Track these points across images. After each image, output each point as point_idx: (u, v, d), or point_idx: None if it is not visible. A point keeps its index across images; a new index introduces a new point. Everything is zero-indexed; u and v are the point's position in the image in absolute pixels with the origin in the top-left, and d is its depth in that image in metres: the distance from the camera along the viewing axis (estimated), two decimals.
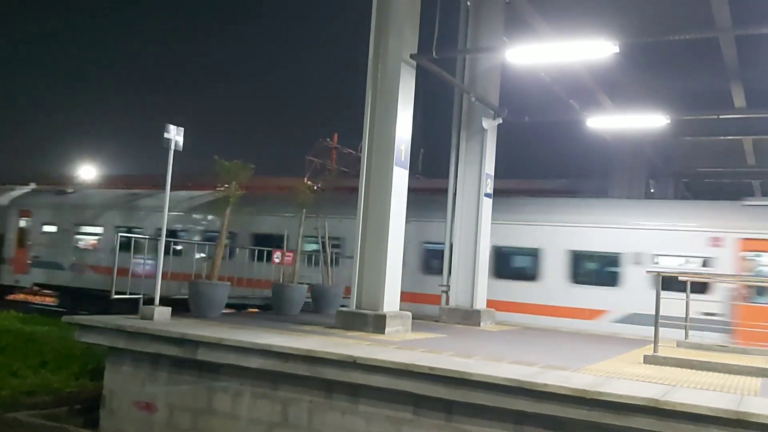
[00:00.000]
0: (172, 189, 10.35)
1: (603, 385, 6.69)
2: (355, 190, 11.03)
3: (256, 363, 8.23)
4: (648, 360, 8.70)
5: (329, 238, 13.63)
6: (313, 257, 14.36)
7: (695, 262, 14.31)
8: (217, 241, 11.58)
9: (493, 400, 6.88)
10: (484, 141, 13.69)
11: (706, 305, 13.06)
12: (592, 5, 13.94)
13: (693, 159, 25.62)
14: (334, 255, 14.03)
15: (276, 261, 13.16)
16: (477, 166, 13.65)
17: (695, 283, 11.08)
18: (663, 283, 8.65)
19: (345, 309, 10.68)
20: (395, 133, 10.56)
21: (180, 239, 16.98)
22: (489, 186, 13.81)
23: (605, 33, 9.81)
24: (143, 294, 10.34)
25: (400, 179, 10.69)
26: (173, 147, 10.29)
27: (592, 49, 10.26)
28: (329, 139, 37.13)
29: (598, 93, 18.03)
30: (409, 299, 12.31)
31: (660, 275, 8.78)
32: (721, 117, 17.16)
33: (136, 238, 11.47)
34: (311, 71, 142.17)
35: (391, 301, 10.57)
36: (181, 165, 11.22)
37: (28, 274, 23.30)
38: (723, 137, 21.04)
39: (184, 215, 20.16)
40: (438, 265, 14.52)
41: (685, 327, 10.61)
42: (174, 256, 12.59)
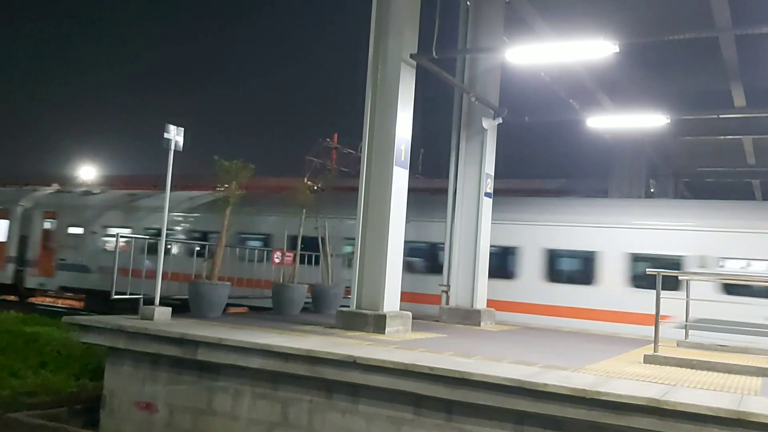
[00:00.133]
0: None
1: (603, 385, 6.69)
2: (354, 189, 11.03)
3: (256, 363, 8.23)
4: (648, 360, 8.70)
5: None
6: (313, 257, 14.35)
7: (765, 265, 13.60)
8: (217, 241, 11.59)
9: (493, 400, 6.88)
10: (484, 141, 13.68)
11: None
12: (592, 5, 13.95)
13: (693, 159, 25.64)
14: (333, 255, 14.02)
15: (276, 261, 13.17)
16: (477, 166, 13.64)
17: (763, 288, 10.56)
18: (732, 288, 8.20)
19: (345, 309, 10.68)
20: (395, 133, 10.55)
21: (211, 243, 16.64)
22: (489, 186, 13.81)
23: (605, 33, 9.79)
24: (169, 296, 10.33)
25: (400, 179, 10.68)
26: (173, 147, 10.29)
27: (591, 49, 10.24)
28: (329, 139, 37.15)
29: (598, 93, 18.03)
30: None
31: (660, 275, 8.78)
32: (721, 117, 17.16)
33: (136, 238, 11.47)
34: (311, 71, 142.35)
35: (391, 301, 10.57)
36: (183, 165, 11.23)
37: (53, 277, 22.66)
38: (723, 137, 21.06)
39: (214, 216, 19.25)
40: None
41: (685, 327, 10.61)
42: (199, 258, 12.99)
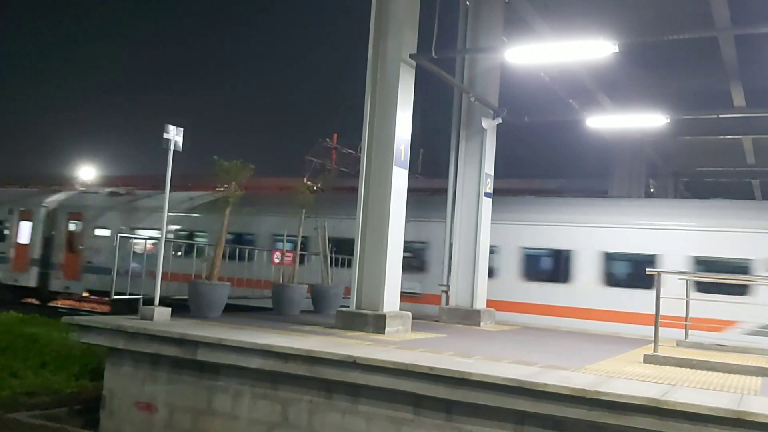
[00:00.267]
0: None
1: (603, 385, 6.68)
2: (354, 189, 11.03)
3: (256, 363, 8.23)
4: (648, 359, 8.70)
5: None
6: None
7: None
8: (217, 241, 11.58)
9: (493, 400, 6.88)
10: (483, 141, 13.69)
11: None
12: (591, 5, 13.96)
13: (693, 158, 25.66)
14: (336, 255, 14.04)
15: (276, 261, 13.16)
16: (476, 166, 13.65)
17: None
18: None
19: (345, 309, 10.68)
20: (395, 133, 10.55)
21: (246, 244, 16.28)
22: (489, 186, 13.81)
23: (605, 33, 9.79)
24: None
25: (399, 179, 10.68)
26: (173, 147, 10.29)
27: (591, 49, 10.24)
28: (329, 139, 37.17)
29: (597, 93, 18.04)
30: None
31: (660, 275, 8.78)
32: (721, 116, 17.19)
33: (136, 238, 11.46)
34: (311, 71, 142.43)
35: (391, 301, 10.57)
36: (184, 166, 11.23)
37: (79, 280, 22.01)
38: (723, 136, 21.09)
39: (252, 218, 18.25)
40: None
41: (685, 326, 10.60)
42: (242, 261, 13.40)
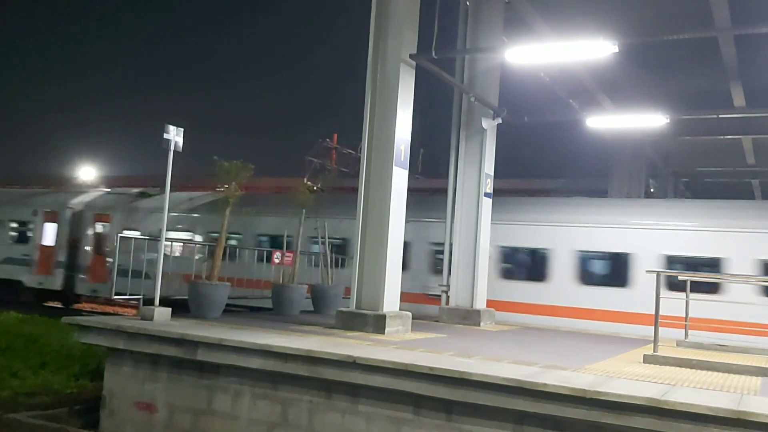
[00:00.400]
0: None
1: (603, 385, 6.69)
2: (354, 190, 11.03)
3: (256, 363, 8.23)
4: (648, 359, 8.70)
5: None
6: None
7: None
8: (217, 242, 11.58)
9: (493, 400, 6.88)
10: (483, 141, 13.69)
11: None
12: (591, 5, 13.96)
13: (693, 158, 25.64)
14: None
15: (276, 261, 13.15)
16: (476, 166, 13.65)
17: None
18: None
19: (345, 309, 10.67)
20: (395, 133, 10.56)
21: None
22: (489, 186, 13.81)
23: (605, 33, 9.80)
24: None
25: (399, 179, 10.68)
26: (173, 147, 10.29)
27: (591, 49, 10.24)
28: (329, 140, 37.18)
29: (597, 93, 18.04)
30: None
31: (659, 275, 8.78)
32: (721, 116, 17.17)
33: (136, 238, 11.45)
34: (311, 71, 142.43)
35: (391, 301, 10.57)
36: (183, 165, 11.22)
37: (108, 283, 20.91)
38: (723, 137, 21.07)
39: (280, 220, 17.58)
40: None
41: (685, 326, 10.59)
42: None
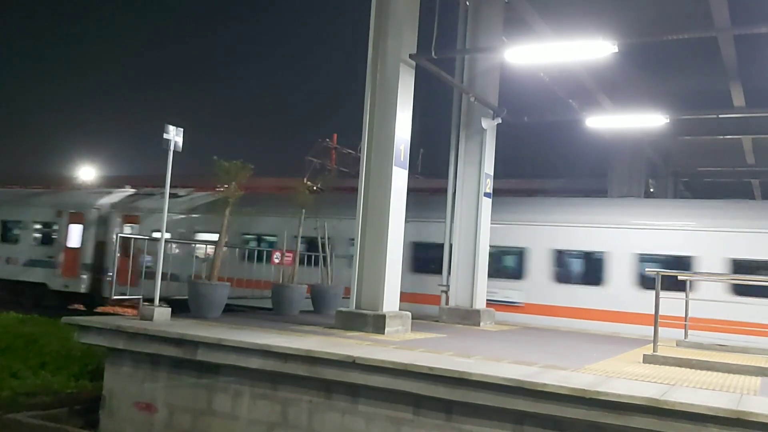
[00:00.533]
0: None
1: (602, 385, 6.69)
2: (353, 189, 11.03)
3: (255, 363, 8.24)
4: (647, 359, 8.70)
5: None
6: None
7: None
8: (217, 242, 11.59)
9: (493, 400, 6.88)
10: (483, 141, 13.69)
11: None
12: (591, 5, 13.95)
13: (693, 158, 25.65)
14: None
15: (275, 261, 13.14)
16: (476, 166, 13.65)
17: None
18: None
19: (344, 309, 10.67)
20: (394, 133, 10.55)
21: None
22: (488, 186, 13.81)
23: (604, 33, 9.80)
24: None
25: (399, 179, 10.68)
26: (173, 147, 10.29)
27: (591, 49, 10.24)
28: (329, 140, 37.18)
29: (597, 93, 18.04)
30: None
31: (659, 275, 8.78)
32: (721, 116, 17.20)
33: (136, 238, 11.45)
34: (311, 71, 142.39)
35: (391, 301, 10.57)
36: (186, 165, 11.20)
37: (137, 286, 21.63)
38: (722, 136, 21.09)
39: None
40: None
41: (685, 326, 10.60)
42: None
